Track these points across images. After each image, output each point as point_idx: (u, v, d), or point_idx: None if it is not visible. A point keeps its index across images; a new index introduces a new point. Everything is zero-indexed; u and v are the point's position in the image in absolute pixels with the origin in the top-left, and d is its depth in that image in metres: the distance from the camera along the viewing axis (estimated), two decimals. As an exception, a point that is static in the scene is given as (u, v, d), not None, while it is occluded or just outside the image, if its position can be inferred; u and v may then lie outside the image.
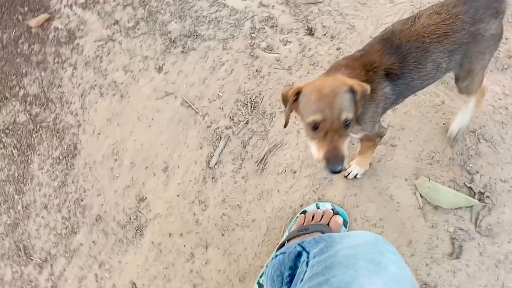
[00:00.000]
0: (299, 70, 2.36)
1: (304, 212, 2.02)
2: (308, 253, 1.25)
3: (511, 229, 1.93)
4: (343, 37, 2.40)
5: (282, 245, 1.81)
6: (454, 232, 1.95)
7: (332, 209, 2.00)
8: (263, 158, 2.19)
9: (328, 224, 1.94)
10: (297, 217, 2.02)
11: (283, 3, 2.53)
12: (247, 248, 2.00)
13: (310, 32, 2.43)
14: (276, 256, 1.41)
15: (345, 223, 1.98)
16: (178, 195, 2.15)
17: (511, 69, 2.21)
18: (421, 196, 2.02)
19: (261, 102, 2.32)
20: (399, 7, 2.41)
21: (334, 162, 1.31)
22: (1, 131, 2.59)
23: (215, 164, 2.21)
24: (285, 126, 1.53)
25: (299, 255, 1.28)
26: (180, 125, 2.33)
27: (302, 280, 1.13)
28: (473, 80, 1.71)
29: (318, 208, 2.02)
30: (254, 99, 2.33)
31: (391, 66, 1.47)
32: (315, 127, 1.33)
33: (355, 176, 2.08)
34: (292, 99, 1.38)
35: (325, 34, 2.42)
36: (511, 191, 1.99)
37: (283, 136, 2.23)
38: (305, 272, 1.15)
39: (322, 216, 1.96)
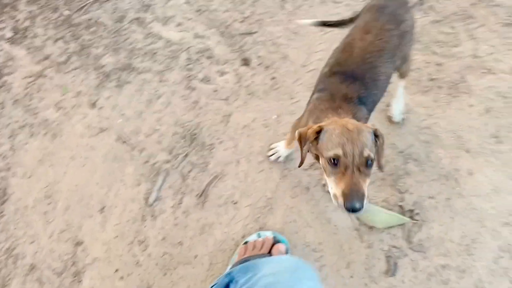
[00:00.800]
0: (237, 100, 2.43)
1: (246, 243, 2.05)
2: (237, 282, 1.28)
3: (439, 243, 2.08)
4: (277, 67, 2.50)
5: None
6: (389, 250, 2.07)
7: (273, 237, 2.05)
8: (203, 190, 2.21)
9: (269, 252, 1.99)
10: (239, 249, 2.04)
11: (219, 34, 2.60)
12: (190, 286, 1.99)
13: (246, 62, 2.52)
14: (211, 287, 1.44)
15: (287, 250, 2.04)
16: (116, 236, 2.11)
17: (433, 91, 2.40)
18: (357, 218, 2.13)
19: (200, 133, 2.35)
20: (329, 36, 2.56)
21: (353, 199, 1.24)
22: None
23: (154, 201, 2.19)
24: (300, 166, 1.50)
25: (227, 286, 1.32)
26: (116, 162, 2.30)
27: None
28: (409, 62, 1.95)
29: (259, 237, 2.06)
30: (192, 131, 2.36)
31: (359, 91, 1.61)
32: (335, 162, 1.31)
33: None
34: (313, 138, 1.40)
35: (260, 64, 2.51)
36: (438, 207, 2.15)
37: (223, 167, 2.27)
38: None
39: (263, 245, 2.00)
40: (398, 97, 2.22)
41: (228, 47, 2.56)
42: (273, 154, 2.23)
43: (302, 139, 1.43)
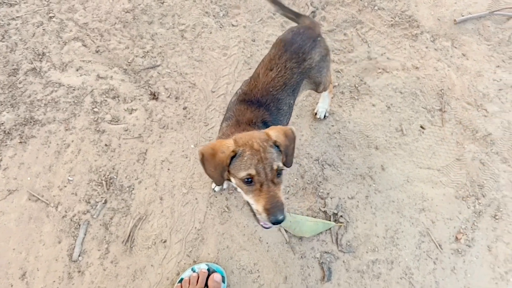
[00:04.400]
0: (150, 136, 2.48)
1: (181, 280, 2.09)
2: None
3: (366, 240, 2.27)
4: (187, 96, 2.60)
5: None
6: (321, 256, 2.22)
7: (208, 269, 2.11)
8: (129, 235, 2.23)
9: (206, 284, 2.05)
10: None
11: (122, 72, 2.65)
12: (127, 337, 1.99)
13: (154, 96, 2.59)
14: None
15: (223, 279, 2.11)
16: (40, 303, 2.06)
17: (336, 96, 2.63)
18: (286, 231, 2.26)
19: (117, 176, 2.37)
20: (232, 59, 2.72)
21: (275, 212, 1.43)
22: None
23: (79, 255, 2.17)
24: (220, 185, 1.65)
25: None
26: (32, 223, 2.25)
27: None
28: (325, 83, 2.14)
29: (194, 271, 2.12)
30: (108, 176, 2.37)
31: (264, 116, 1.79)
32: (249, 180, 1.48)
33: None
34: (228, 162, 1.50)
35: (169, 96, 2.60)
36: (359, 206, 2.35)
37: (147, 207, 2.30)
38: None
39: (198, 279, 2.06)
40: (324, 98, 2.42)
41: (133, 84, 2.62)
42: (215, 185, 2.31)
43: (207, 161, 1.53)
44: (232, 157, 1.51)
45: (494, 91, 2.65)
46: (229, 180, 1.63)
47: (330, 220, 2.29)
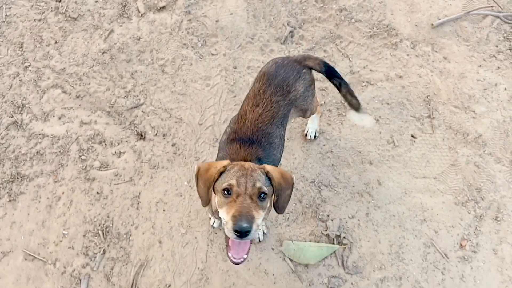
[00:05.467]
0: (142, 178, 2.45)
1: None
2: None
3: (372, 258, 2.26)
4: (175, 132, 2.58)
5: None
6: (329, 282, 2.20)
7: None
8: (132, 284, 2.19)
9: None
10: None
11: (105, 115, 2.62)
12: None
13: (141, 136, 2.56)
14: None
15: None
16: None
17: (324, 115, 2.63)
18: (291, 260, 2.24)
19: (113, 224, 2.34)
20: (216, 89, 2.70)
21: (240, 220, 1.35)
22: None
23: (82, 312, 2.13)
24: (205, 205, 1.60)
25: None
26: (31, 284, 2.20)
27: None
28: (311, 109, 2.16)
29: (202, 314, 2.08)
30: (104, 224, 2.33)
31: (257, 152, 1.79)
32: (228, 192, 1.46)
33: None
34: (217, 177, 1.51)
35: (156, 134, 2.57)
36: (360, 224, 2.34)
37: (146, 252, 2.27)
38: None
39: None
40: (312, 119, 2.42)
41: (118, 126, 2.59)
42: (213, 221, 2.29)
43: (200, 176, 1.56)
44: (222, 173, 1.53)
45: (479, 92, 2.68)
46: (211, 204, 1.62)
47: (333, 243, 2.28)
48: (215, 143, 2.54)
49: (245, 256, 1.49)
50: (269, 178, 1.54)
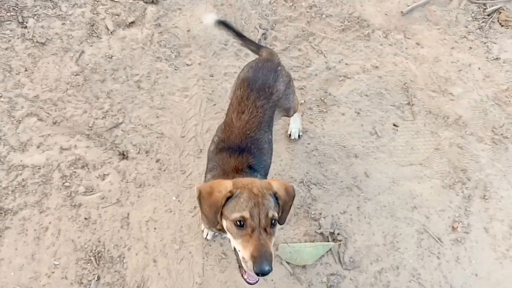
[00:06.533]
0: (129, 198, 2.42)
1: None
2: None
3: (368, 251, 2.27)
4: (157, 148, 2.55)
5: None
6: (328, 280, 2.20)
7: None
8: (131, 307, 2.15)
9: None
10: None
11: (85, 139, 2.58)
12: None
13: (124, 156, 2.52)
14: None
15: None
16: None
17: (305, 114, 2.63)
18: (288, 263, 2.23)
19: (104, 249, 2.29)
20: (195, 99, 2.68)
21: (262, 262, 1.33)
22: None
23: None
24: (214, 227, 1.56)
25: None
26: (26, 320, 2.14)
27: None
28: (294, 107, 2.17)
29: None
30: (95, 250, 2.29)
31: (248, 160, 1.77)
32: (241, 224, 1.41)
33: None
34: (224, 203, 1.45)
35: (139, 152, 2.54)
36: (353, 218, 2.35)
37: (142, 273, 2.24)
38: None
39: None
40: (294, 118, 2.42)
41: (99, 148, 2.54)
42: (207, 233, 2.26)
43: (203, 199, 1.50)
44: (228, 198, 1.47)
45: (455, 73, 2.71)
46: (221, 225, 1.58)
47: (328, 241, 2.28)
48: (200, 154, 2.52)
49: (260, 277, 1.46)
50: (276, 197, 1.51)
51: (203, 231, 2.30)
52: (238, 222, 1.43)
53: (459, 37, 2.83)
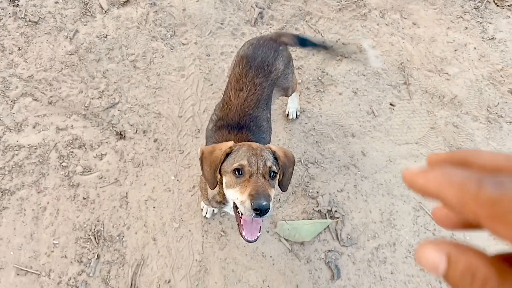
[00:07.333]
0: (127, 178, 2.41)
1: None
2: None
3: (365, 228, 2.30)
4: (155, 127, 2.53)
5: None
6: (326, 256, 2.23)
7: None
8: (131, 284, 2.17)
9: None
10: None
11: (81, 119, 2.55)
12: None
13: (121, 135, 2.50)
14: None
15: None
16: None
17: (303, 93, 2.63)
18: (286, 240, 2.26)
19: (104, 228, 2.29)
20: (191, 79, 2.66)
21: (259, 198, 1.32)
22: None
23: (84, 319, 2.10)
24: (213, 188, 1.53)
25: None
26: (27, 298, 2.15)
27: None
28: (292, 87, 2.17)
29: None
30: (95, 229, 2.29)
31: (247, 137, 1.78)
32: (240, 172, 1.43)
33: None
34: (223, 159, 1.48)
35: (136, 132, 2.52)
36: (350, 196, 2.37)
37: (142, 251, 2.24)
38: None
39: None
40: (292, 98, 2.42)
41: (96, 128, 2.52)
42: (206, 211, 2.28)
43: (205, 159, 1.51)
44: (228, 154, 1.50)
45: (451, 53, 2.72)
46: (222, 194, 1.58)
47: (326, 218, 2.31)
48: (198, 134, 2.51)
49: (258, 234, 1.48)
50: (275, 157, 1.53)
51: (202, 209, 2.31)
52: (236, 172, 1.44)
53: (455, 17, 2.83)
